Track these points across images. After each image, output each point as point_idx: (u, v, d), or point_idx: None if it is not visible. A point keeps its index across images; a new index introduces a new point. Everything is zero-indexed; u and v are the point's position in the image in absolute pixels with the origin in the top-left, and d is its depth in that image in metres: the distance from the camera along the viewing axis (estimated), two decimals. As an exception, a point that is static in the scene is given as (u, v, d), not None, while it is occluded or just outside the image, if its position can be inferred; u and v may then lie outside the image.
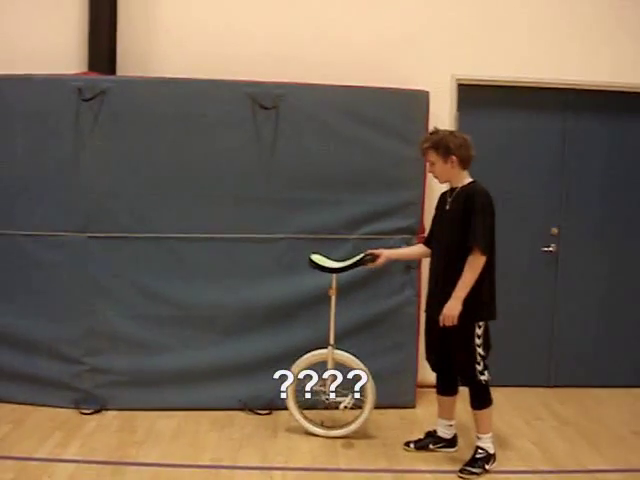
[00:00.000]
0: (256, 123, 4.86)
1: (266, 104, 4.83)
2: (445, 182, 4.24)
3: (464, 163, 4.12)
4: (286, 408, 4.69)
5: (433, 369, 4.38)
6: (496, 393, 4.24)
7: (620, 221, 5.73)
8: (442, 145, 4.10)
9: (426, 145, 4.18)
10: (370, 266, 4.49)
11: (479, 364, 4.06)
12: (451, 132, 4.25)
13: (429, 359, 4.37)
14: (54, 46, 5.20)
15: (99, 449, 4.30)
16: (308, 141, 4.91)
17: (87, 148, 4.79)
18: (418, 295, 5.07)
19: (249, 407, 4.96)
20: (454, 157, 4.08)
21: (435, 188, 4.81)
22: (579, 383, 5.76)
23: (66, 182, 4.79)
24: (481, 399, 4.13)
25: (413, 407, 5.16)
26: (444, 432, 4.44)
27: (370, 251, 4.49)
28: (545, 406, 5.34)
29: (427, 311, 4.28)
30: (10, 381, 4.88)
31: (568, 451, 4.53)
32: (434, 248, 4.28)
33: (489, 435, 4.17)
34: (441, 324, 4.02)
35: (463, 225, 3.98)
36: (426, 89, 5.06)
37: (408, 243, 4.97)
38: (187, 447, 4.39)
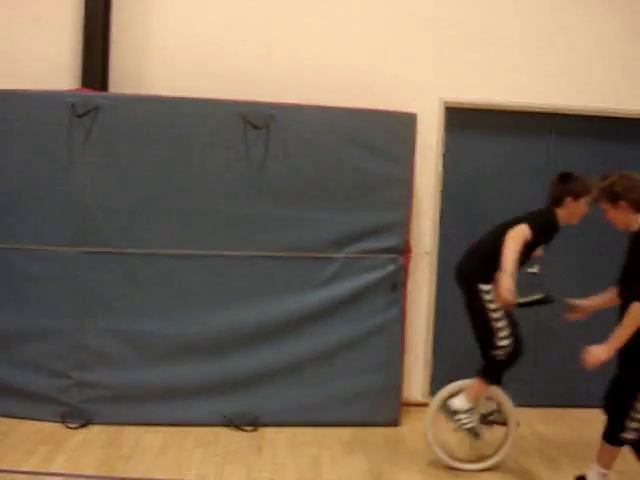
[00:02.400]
0: (247, 142, 4.90)
1: (257, 124, 4.88)
2: (624, 228, 3.91)
3: (638, 206, 3.80)
4: (271, 425, 4.69)
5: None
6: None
7: (603, 243, 5.79)
8: (609, 191, 3.84)
9: (596, 194, 3.97)
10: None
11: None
12: (621, 175, 3.84)
13: None
14: (48, 62, 5.25)
15: (85, 463, 4.31)
16: (297, 161, 4.95)
17: (79, 163, 4.82)
18: (403, 314, 5.13)
19: (234, 423, 4.99)
20: (623, 202, 3.80)
21: (421, 208, 4.85)
22: (563, 403, 5.81)
23: (58, 197, 4.82)
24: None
25: (398, 425, 5.18)
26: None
27: (571, 301, 4.35)
28: (528, 426, 5.36)
29: None
30: (-3, 394, 4.90)
31: (551, 471, 4.57)
32: None
33: None
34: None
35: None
36: (414, 111, 5.13)
37: (394, 262, 5.04)
38: (173, 463, 4.41)
